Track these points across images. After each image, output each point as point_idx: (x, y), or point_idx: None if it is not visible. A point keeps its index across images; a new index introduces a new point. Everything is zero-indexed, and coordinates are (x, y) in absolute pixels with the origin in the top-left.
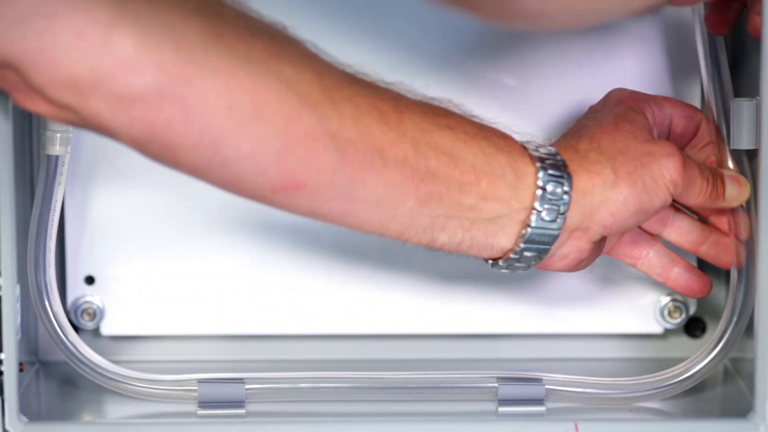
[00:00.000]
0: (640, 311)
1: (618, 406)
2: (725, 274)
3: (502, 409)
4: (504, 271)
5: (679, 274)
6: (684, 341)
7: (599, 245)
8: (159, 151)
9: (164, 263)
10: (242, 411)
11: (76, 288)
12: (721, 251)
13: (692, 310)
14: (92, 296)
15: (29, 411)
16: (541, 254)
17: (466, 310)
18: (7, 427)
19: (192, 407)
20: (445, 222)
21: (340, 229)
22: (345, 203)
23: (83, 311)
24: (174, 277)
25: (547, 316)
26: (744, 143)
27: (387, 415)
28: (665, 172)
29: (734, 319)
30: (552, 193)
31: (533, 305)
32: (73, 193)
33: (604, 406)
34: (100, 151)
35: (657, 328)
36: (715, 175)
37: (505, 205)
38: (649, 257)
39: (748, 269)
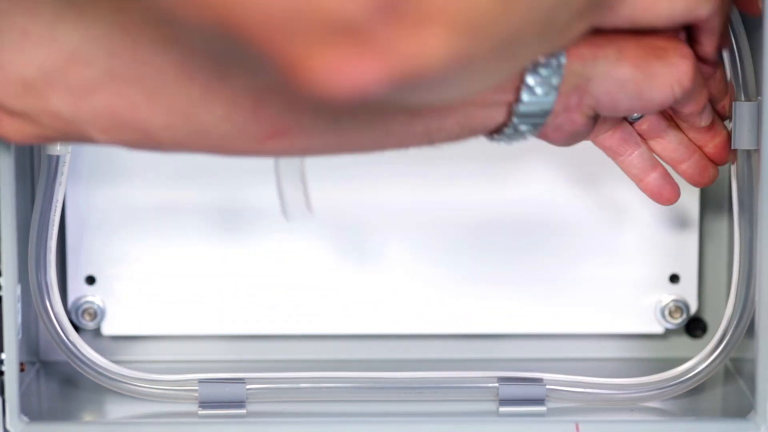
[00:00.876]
0: (640, 311)
1: (619, 406)
2: (726, 274)
3: (502, 409)
4: (501, 143)
5: (655, 180)
6: (684, 341)
7: (592, 122)
8: (134, 136)
9: (165, 263)
10: (243, 411)
11: (76, 288)
12: (699, 172)
13: (693, 310)
14: (93, 296)
15: (30, 411)
16: (536, 127)
17: (466, 310)
18: (8, 427)
19: (193, 407)
20: (441, 123)
21: (339, 228)
22: (336, 135)
23: (84, 311)
24: (174, 277)
25: (547, 316)
26: (745, 143)
27: (387, 415)
28: (675, 70)
29: (736, 320)
30: (544, 66)
31: (533, 305)
32: (74, 193)
33: (605, 406)
34: (101, 151)
35: (657, 328)
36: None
37: (497, 89)
38: (632, 157)
39: (748, 270)
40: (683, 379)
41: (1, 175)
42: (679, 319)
